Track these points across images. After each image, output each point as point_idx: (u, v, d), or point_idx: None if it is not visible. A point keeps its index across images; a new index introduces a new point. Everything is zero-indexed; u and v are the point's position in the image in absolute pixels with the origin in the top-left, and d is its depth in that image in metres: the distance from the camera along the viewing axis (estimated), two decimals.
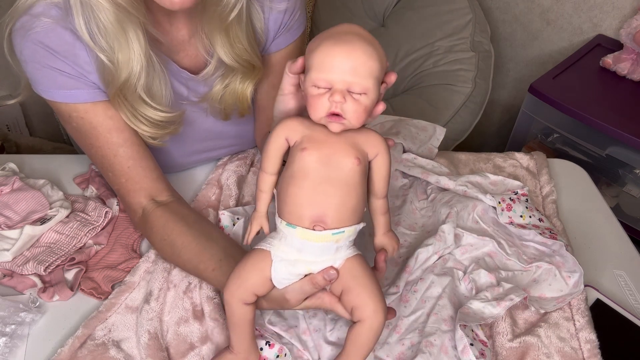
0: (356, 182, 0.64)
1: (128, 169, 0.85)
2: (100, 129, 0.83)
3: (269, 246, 0.66)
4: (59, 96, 0.80)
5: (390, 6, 1.86)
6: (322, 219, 0.63)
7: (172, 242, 0.83)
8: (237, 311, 0.68)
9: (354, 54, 0.60)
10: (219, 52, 0.81)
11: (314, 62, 0.62)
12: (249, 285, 0.67)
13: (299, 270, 0.65)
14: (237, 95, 0.87)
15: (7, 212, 0.91)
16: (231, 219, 0.92)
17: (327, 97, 0.61)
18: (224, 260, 0.79)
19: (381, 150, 0.66)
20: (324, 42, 0.61)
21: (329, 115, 0.62)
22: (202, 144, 0.99)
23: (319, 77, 0.61)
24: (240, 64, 0.83)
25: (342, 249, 0.65)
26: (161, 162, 0.91)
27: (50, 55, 0.76)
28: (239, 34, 0.81)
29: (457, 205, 0.93)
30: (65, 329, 0.80)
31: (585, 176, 1.10)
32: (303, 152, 0.63)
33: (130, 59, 0.76)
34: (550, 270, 0.85)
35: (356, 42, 0.61)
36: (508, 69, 1.98)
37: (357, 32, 0.62)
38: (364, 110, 0.62)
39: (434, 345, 0.75)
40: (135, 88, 0.78)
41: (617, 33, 1.61)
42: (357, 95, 0.61)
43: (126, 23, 0.73)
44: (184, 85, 0.88)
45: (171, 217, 0.85)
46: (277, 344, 0.74)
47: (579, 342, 0.78)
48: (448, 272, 0.85)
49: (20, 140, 1.64)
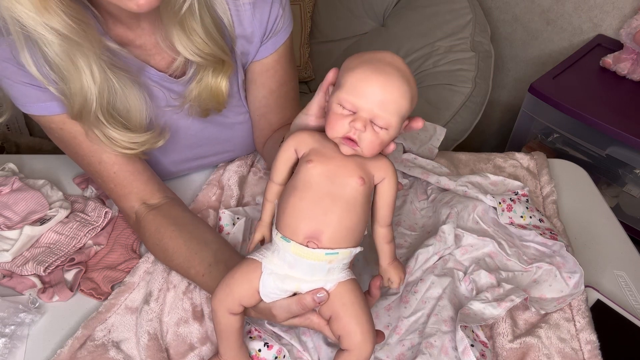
0: (358, 203, 0.63)
1: (115, 175, 0.85)
2: (81, 137, 0.82)
3: (261, 257, 0.65)
4: (35, 109, 0.80)
5: (390, 6, 1.86)
6: (317, 235, 0.61)
7: (164, 247, 0.83)
8: (223, 320, 0.67)
9: (389, 88, 0.59)
10: (178, 47, 0.79)
11: (348, 81, 0.60)
12: (237, 295, 0.65)
13: (288, 287, 0.64)
14: (212, 91, 0.85)
15: (6, 212, 0.91)
16: (231, 218, 0.92)
17: (349, 121, 0.60)
18: (213, 265, 0.79)
19: (389, 174, 0.65)
20: (363, 65, 0.60)
21: (344, 138, 0.61)
22: (192, 151, 0.97)
23: (347, 99, 0.60)
24: (203, 58, 0.80)
25: (334, 271, 0.64)
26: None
27: (20, 71, 0.75)
28: (195, 27, 0.78)
29: (458, 206, 0.93)
30: (65, 329, 0.80)
31: (585, 176, 1.10)
32: (308, 164, 0.63)
33: (82, 88, 0.74)
34: (551, 271, 0.85)
35: (394, 76, 0.59)
36: (508, 69, 1.98)
37: (398, 66, 0.61)
38: (380, 144, 0.61)
39: (434, 346, 0.75)
40: (95, 114, 0.77)
41: (617, 33, 1.61)
42: (378, 128, 0.60)
43: (74, 53, 0.71)
44: (162, 89, 0.86)
45: (163, 221, 0.84)
46: (276, 345, 0.74)
47: (580, 342, 0.78)
48: (448, 273, 0.85)
49: (20, 140, 1.64)
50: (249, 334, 0.76)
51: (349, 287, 0.64)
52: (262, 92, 0.93)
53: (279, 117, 0.96)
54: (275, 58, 0.90)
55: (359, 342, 0.63)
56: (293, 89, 0.96)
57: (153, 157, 0.91)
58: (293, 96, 0.96)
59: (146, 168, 0.88)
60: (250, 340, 0.75)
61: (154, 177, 0.90)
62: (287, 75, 0.93)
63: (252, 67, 0.91)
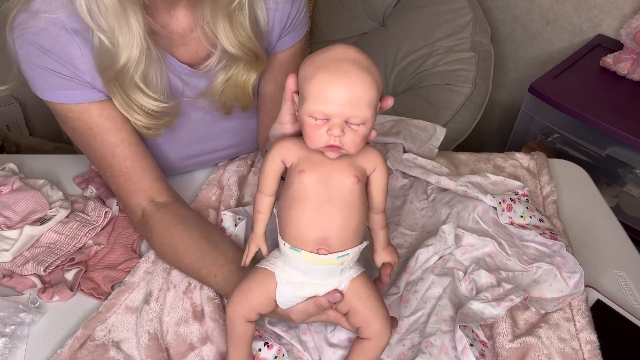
0: (356, 200, 0.64)
1: (126, 170, 0.85)
2: (97, 129, 0.82)
3: (273, 267, 0.66)
4: (54, 96, 0.80)
5: (390, 6, 1.86)
6: (325, 241, 0.63)
7: (174, 247, 0.83)
8: (239, 328, 0.69)
9: (352, 85, 0.58)
10: (222, 40, 0.80)
11: (310, 92, 0.59)
12: (254, 304, 0.67)
13: (305, 293, 0.66)
14: (239, 88, 0.86)
15: (6, 212, 0.91)
16: (233, 220, 0.92)
17: (325, 129, 0.59)
18: (225, 265, 0.79)
19: (379, 163, 0.66)
20: (320, 72, 0.59)
21: (326, 147, 0.61)
22: (198, 146, 0.98)
23: (316, 109, 0.59)
24: (244, 52, 0.82)
25: (346, 270, 0.66)
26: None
27: (44, 55, 0.75)
28: (242, 21, 0.79)
29: (458, 206, 0.93)
30: (65, 329, 0.80)
31: (585, 176, 1.10)
32: (301, 174, 0.63)
33: (130, 42, 0.74)
34: (551, 271, 0.85)
35: (353, 71, 0.58)
36: (508, 69, 1.98)
37: (353, 59, 0.59)
38: (362, 139, 0.62)
39: (434, 346, 0.75)
40: (132, 75, 0.77)
41: (617, 33, 1.60)
42: (355, 127, 0.60)
43: (127, 3, 0.71)
44: (181, 80, 0.86)
45: (172, 220, 0.84)
46: (276, 345, 0.74)
47: (580, 342, 0.78)
48: (448, 273, 0.85)
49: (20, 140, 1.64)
50: None
51: (362, 281, 0.67)
52: (272, 87, 0.93)
53: None
54: (290, 53, 0.91)
55: (379, 331, 0.67)
56: None
57: (160, 151, 0.92)
58: None
59: (156, 167, 0.89)
60: None
61: (163, 177, 0.90)
62: None
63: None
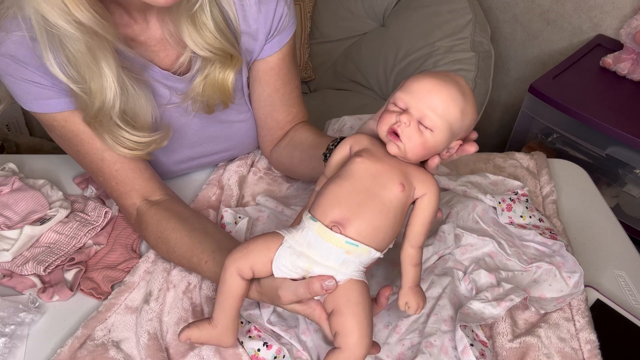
0: (392, 208, 0.63)
1: (117, 172, 0.85)
2: (83, 135, 0.82)
3: (286, 232, 0.66)
4: (37, 107, 0.80)
5: (390, 6, 1.86)
6: (344, 222, 0.62)
7: (167, 239, 0.83)
8: (229, 280, 0.67)
9: (442, 92, 0.62)
10: (188, 42, 0.79)
11: (407, 84, 0.64)
12: (251, 259, 0.66)
13: (300, 264, 0.64)
14: (218, 86, 0.85)
15: (6, 212, 0.91)
16: (233, 217, 0.92)
17: (397, 115, 0.63)
18: (217, 252, 0.79)
19: (431, 191, 0.65)
20: (426, 74, 0.64)
21: (389, 133, 0.63)
22: (193, 150, 0.97)
23: (401, 97, 0.63)
24: (214, 53, 0.81)
25: (349, 265, 0.63)
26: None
27: (22, 68, 0.76)
28: (205, 22, 0.78)
29: (457, 206, 0.93)
30: (65, 329, 0.80)
31: (585, 176, 1.10)
32: (357, 158, 0.65)
33: (103, 86, 0.74)
34: (551, 271, 0.85)
35: (450, 84, 0.62)
36: (508, 69, 1.98)
37: (457, 80, 0.64)
38: (422, 145, 0.63)
39: (434, 346, 0.75)
40: (110, 115, 0.77)
41: (617, 33, 1.61)
42: (423, 128, 0.62)
43: (96, 49, 0.71)
44: (166, 87, 0.86)
45: (165, 214, 0.84)
46: (275, 344, 0.74)
47: (579, 342, 0.78)
48: (448, 273, 0.85)
49: (20, 140, 1.64)
50: (249, 333, 0.76)
51: (359, 287, 0.64)
52: (267, 90, 0.93)
53: (285, 115, 0.96)
54: (280, 56, 0.91)
55: (353, 344, 0.62)
56: (297, 87, 0.97)
57: (154, 156, 0.91)
58: (298, 94, 0.97)
59: (147, 166, 0.89)
60: (250, 340, 0.75)
61: (155, 176, 0.90)
62: (292, 74, 0.94)
63: (257, 66, 0.91)
